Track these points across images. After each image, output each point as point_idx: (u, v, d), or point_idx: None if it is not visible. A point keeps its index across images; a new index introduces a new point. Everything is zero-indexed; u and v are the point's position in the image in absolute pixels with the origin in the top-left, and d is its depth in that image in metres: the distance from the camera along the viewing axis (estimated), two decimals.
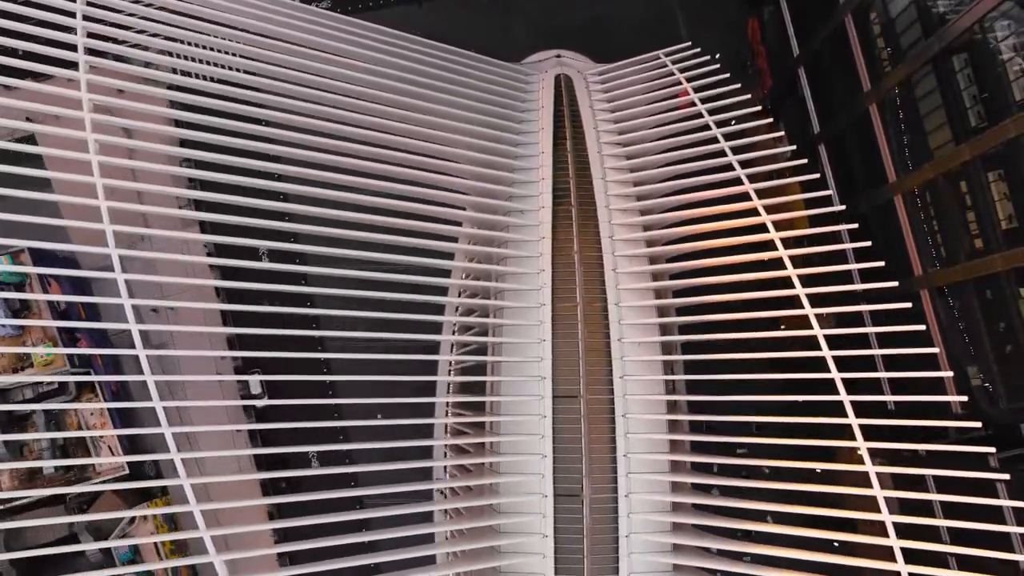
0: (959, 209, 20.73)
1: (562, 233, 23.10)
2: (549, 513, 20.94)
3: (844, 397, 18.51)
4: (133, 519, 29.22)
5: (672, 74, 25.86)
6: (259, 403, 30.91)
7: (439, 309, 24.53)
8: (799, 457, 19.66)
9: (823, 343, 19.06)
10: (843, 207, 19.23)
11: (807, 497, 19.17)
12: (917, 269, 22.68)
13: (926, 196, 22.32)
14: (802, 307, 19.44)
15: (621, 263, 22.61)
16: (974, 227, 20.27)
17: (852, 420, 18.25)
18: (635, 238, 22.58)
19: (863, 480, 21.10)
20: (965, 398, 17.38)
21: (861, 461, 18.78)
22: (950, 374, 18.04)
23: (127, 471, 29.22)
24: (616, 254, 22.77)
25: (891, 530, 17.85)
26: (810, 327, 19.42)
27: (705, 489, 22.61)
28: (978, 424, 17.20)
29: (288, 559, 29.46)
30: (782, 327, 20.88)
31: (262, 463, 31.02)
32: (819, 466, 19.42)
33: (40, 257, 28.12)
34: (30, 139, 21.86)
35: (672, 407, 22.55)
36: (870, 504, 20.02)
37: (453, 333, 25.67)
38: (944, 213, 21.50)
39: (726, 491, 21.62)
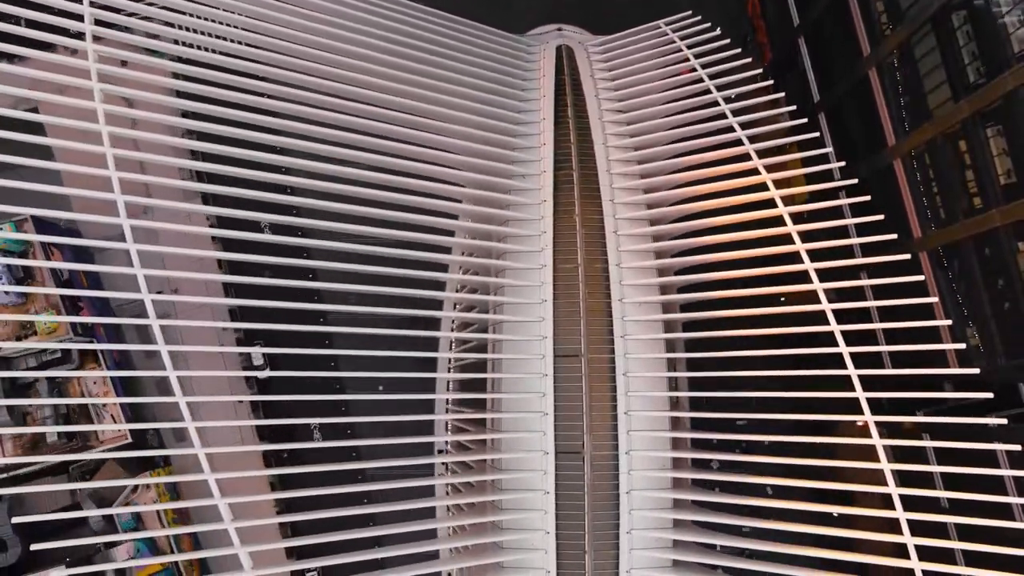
0: (958, 168, 20.88)
1: (564, 197, 23.25)
2: (551, 470, 21.09)
3: (844, 349, 18.68)
4: (136, 487, 29.32)
5: (673, 42, 26.06)
6: (262, 374, 31.04)
7: (442, 272, 24.67)
8: (799, 418, 19.90)
9: (823, 297, 19.25)
10: (842, 163, 19.29)
11: (804, 449, 19.49)
12: (916, 232, 22.86)
13: (924, 158, 22.49)
14: (802, 262, 19.65)
15: (622, 225, 22.77)
16: (972, 186, 20.44)
17: (851, 371, 18.41)
18: (636, 201, 22.75)
19: (864, 451, 21.39)
20: (963, 345, 17.53)
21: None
22: (948, 322, 18.12)
23: (130, 439, 29.35)
24: (617, 217, 22.93)
25: (890, 479, 18.03)
26: (811, 284, 19.62)
27: (706, 444, 22.80)
28: (975, 371, 17.35)
29: (290, 530, 29.76)
30: (782, 300, 21.06)
31: (264, 434, 31.11)
32: (819, 433, 19.56)
33: (43, 227, 28.29)
34: (33, 111, 21.98)
35: (672, 367, 22.72)
36: (871, 476, 20.29)
37: (455, 307, 25.91)
38: (943, 173, 21.65)
39: (724, 445, 21.78)
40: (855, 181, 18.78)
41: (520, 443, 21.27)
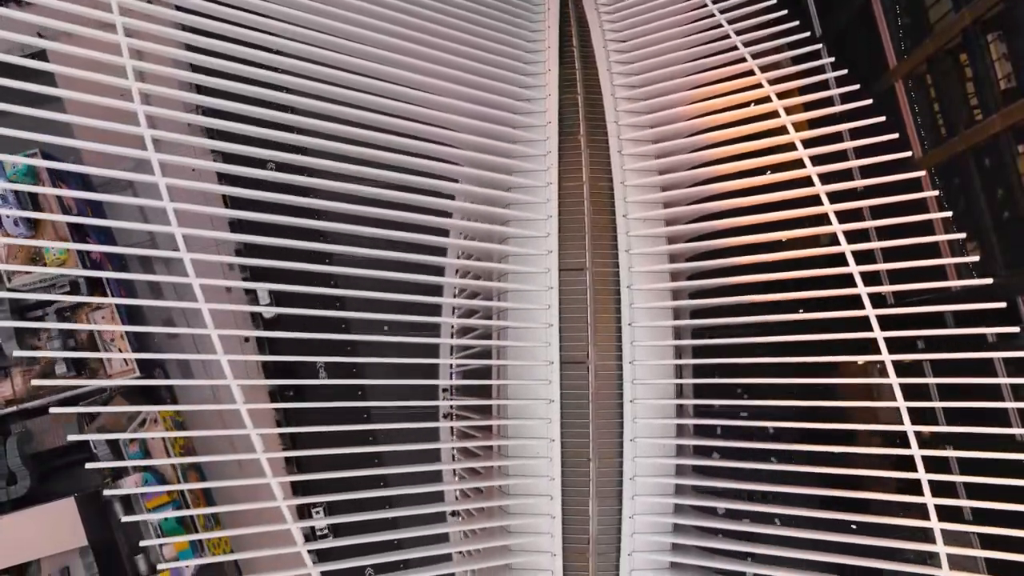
0: (958, 82, 21.15)
1: (568, 119, 23.52)
2: (555, 380, 21.40)
3: (854, 269, 19.00)
4: (144, 420, 29.63)
5: None
6: (268, 311, 31.22)
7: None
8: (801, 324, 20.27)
9: (833, 219, 19.47)
10: (855, 86, 19.66)
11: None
12: (917, 152, 23.15)
13: (925, 78, 22.76)
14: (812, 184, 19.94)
15: (626, 145, 23.04)
16: (973, 99, 20.71)
17: (869, 312, 18.71)
18: (638, 108, 22.93)
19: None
20: (975, 258, 17.85)
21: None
22: (961, 235, 18.43)
23: (137, 373, 29.68)
24: (622, 137, 23.16)
25: (906, 417, 18.43)
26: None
27: (708, 352, 23.08)
28: (988, 280, 17.70)
29: (296, 466, 30.10)
30: (783, 240, 21.34)
31: (269, 371, 31.37)
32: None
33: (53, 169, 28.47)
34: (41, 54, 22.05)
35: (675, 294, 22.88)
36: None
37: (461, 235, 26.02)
38: (943, 90, 21.92)
39: (727, 350, 22.04)
40: (869, 101, 19.07)
41: (525, 354, 21.57)
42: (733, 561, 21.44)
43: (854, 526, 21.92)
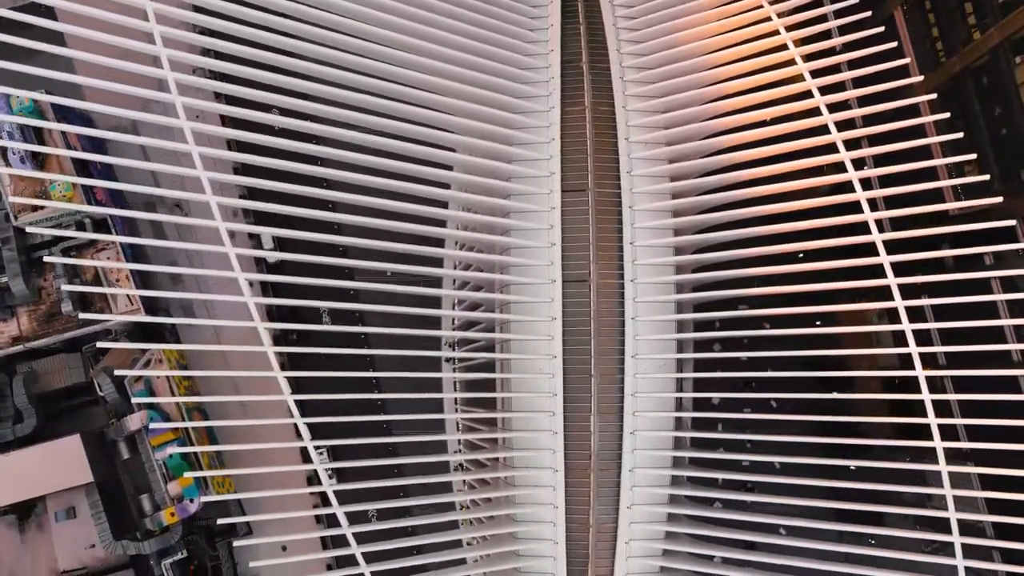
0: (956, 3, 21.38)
1: (570, 47, 23.69)
2: (558, 298, 21.62)
3: (853, 175, 19.23)
4: (149, 360, 29.85)
5: None
6: (272, 255, 31.33)
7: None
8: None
9: (831, 124, 19.74)
10: (867, 13, 19.97)
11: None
12: (915, 72, 23.32)
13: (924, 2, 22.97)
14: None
15: (628, 72, 23.23)
16: (971, 18, 20.91)
17: (876, 237, 18.93)
18: (639, 37, 23.12)
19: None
20: (974, 155, 18.19)
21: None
22: (959, 135, 18.68)
23: (142, 311, 29.89)
24: (623, 64, 23.34)
25: (896, 293, 18.78)
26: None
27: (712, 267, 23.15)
28: (985, 176, 17.99)
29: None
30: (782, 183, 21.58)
31: (273, 316, 31.47)
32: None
33: (61, 111, 28.65)
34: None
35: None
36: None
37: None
38: (941, 10, 22.11)
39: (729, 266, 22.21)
40: (882, 29, 19.37)
41: (528, 272, 21.80)
42: (732, 472, 21.78)
43: (853, 467, 22.42)
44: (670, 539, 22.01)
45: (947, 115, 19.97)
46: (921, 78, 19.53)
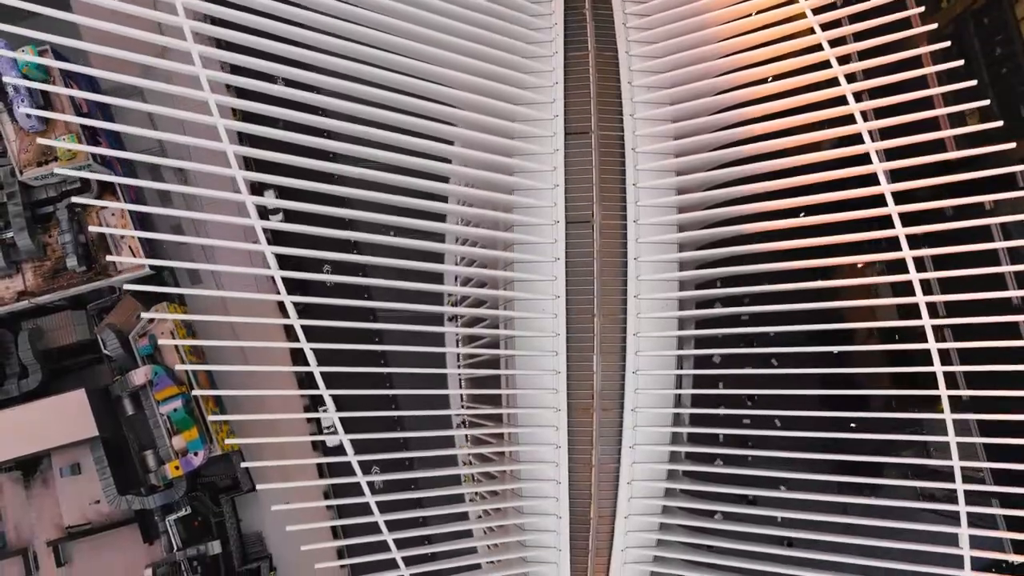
0: None
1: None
2: (560, 238, 21.75)
3: (862, 127, 19.27)
4: (152, 320, 29.93)
5: None
6: (274, 202, 31.26)
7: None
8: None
9: (842, 80, 19.87)
10: None
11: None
12: (916, 22, 23.44)
13: None
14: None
15: (630, 19, 23.35)
16: None
17: (885, 187, 19.00)
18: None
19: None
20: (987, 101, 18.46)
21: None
22: (972, 83, 18.82)
23: (149, 271, 30.04)
24: (627, 11, 23.45)
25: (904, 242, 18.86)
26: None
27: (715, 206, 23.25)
28: (999, 123, 18.13)
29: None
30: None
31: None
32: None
33: (63, 56, 28.83)
34: None
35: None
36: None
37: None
38: None
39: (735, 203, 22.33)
40: None
41: (530, 213, 21.90)
42: (732, 427, 21.96)
43: (853, 424, 22.58)
44: (672, 479, 22.16)
45: (947, 44, 19.95)
46: (921, 8, 19.20)
